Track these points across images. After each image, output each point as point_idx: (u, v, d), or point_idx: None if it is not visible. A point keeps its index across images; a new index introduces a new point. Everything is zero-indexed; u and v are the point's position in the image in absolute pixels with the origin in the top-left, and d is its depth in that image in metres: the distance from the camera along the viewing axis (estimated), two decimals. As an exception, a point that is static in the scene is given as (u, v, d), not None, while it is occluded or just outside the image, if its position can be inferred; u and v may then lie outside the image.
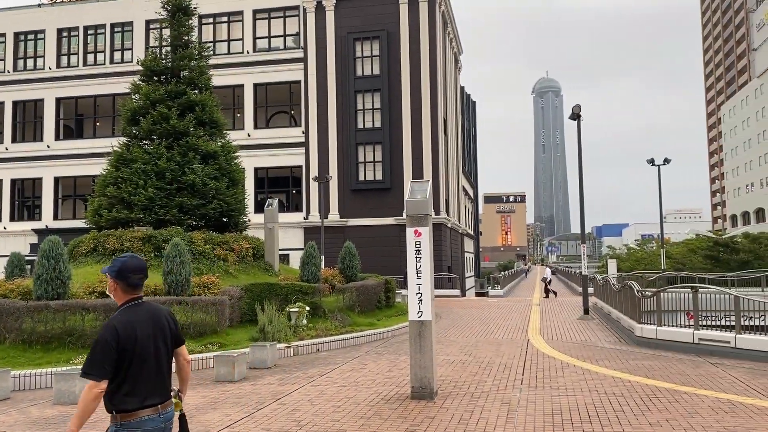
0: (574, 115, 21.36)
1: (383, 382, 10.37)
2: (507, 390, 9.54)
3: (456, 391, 9.48)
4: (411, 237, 9.35)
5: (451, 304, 28.91)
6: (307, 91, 43.26)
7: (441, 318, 21.58)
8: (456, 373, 11.04)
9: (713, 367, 11.22)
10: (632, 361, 12.03)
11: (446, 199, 45.80)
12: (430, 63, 41.57)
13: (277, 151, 43.86)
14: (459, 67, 58.62)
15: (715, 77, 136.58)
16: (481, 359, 12.48)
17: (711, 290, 13.62)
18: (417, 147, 41.37)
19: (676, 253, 42.94)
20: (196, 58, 21.45)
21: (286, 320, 14.88)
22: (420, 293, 9.16)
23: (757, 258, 33.07)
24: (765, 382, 9.85)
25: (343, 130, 42.33)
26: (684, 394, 9.07)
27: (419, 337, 9.11)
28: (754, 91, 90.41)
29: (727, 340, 12.41)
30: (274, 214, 20.11)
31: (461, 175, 58.59)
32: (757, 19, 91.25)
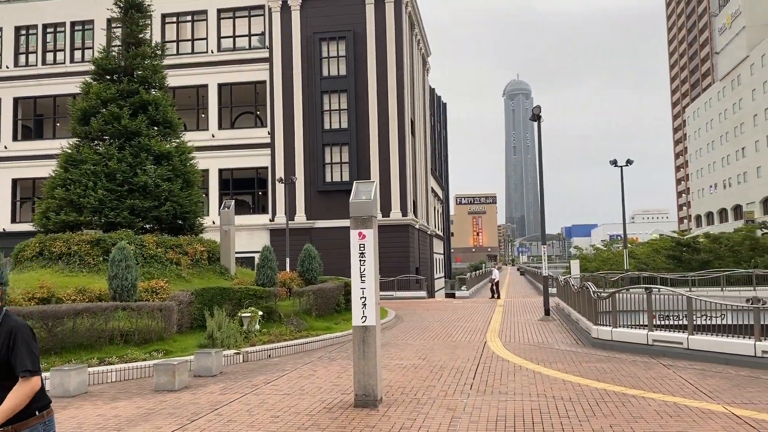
0: (535, 117, 21.32)
1: (330, 389, 10.06)
2: (455, 396, 9.29)
3: (402, 398, 9.20)
4: (355, 239, 9.06)
5: (416, 305, 28.70)
6: (272, 92, 42.75)
7: (403, 320, 21.34)
8: (406, 378, 10.77)
9: (665, 369, 11.14)
10: (585, 364, 11.90)
11: (414, 200, 45.65)
12: (396, 64, 41.38)
13: (242, 152, 43.25)
14: (427, 69, 58.58)
15: (680, 80, 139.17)
16: (434, 363, 12.24)
17: (664, 291, 13.58)
18: (384, 148, 41.15)
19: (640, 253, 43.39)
20: (150, 56, 20.86)
21: (238, 326, 14.47)
22: (364, 298, 8.88)
23: (717, 258, 33.54)
24: (713, 383, 9.77)
25: (309, 131, 41.91)
26: (632, 397, 8.93)
27: (363, 343, 8.81)
28: (717, 94, 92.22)
29: (680, 341, 12.36)
30: (231, 216, 19.65)
31: (430, 176, 58.51)
32: (720, 23, 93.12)
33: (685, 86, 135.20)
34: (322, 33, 42.05)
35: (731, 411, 7.99)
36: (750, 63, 79.26)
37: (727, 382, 9.88)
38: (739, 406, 8.24)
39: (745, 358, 11.18)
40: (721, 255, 33.78)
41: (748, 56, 79.70)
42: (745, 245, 34.26)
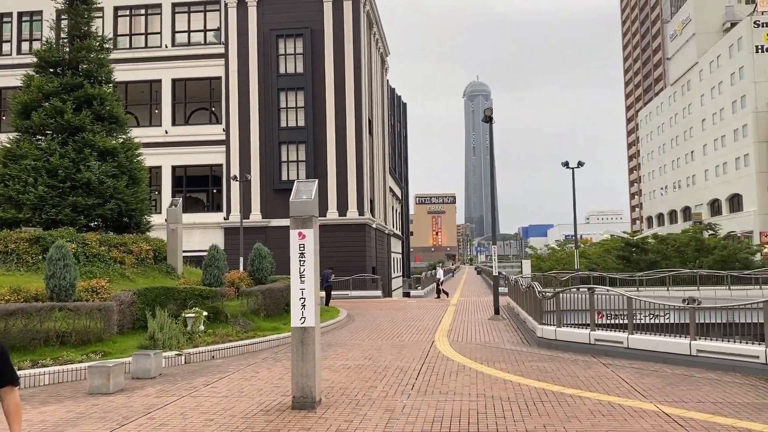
0: (486, 118, 21.51)
1: (270, 391, 9.91)
2: (395, 396, 9.26)
3: (342, 399, 9.12)
4: (294, 240, 8.94)
5: (370, 305, 28.66)
6: (228, 88, 42.14)
7: (354, 320, 21.26)
8: (349, 379, 10.70)
9: (604, 368, 11.34)
10: (528, 363, 12.02)
11: (371, 199, 45.59)
12: (354, 62, 41.25)
13: (196, 149, 42.51)
14: (386, 68, 58.61)
15: (634, 84, 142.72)
16: (379, 364, 12.19)
17: (605, 291, 13.84)
18: (341, 147, 40.97)
19: (592, 253, 44.30)
20: (97, 49, 20.26)
21: (182, 326, 14.16)
22: (303, 298, 8.76)
23: (664, 258, 34.46)
24: (649, 382, 9.97)
25: (265, 129, 41.46)
26: (569, 397, 9.04)
27: (302, 345, 8.70)
28: (668, 98, 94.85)
29: (620, 341, 12.61)
30: (178, 214, 19.23)
31: (388, 175, 58.55)
32: (671, 29, 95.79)
33: (638, 90, 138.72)
34: (279, 30, 41.64)
35: (662, 409, 8.16)
36: (699, 69, 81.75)
37: (662, 380, 10.10)
38: (670, 405, 8.42)
39: (681, 357, 11.46)
40: (668, 255, 34.73)
41: (698, 62, 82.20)
42: (691, 246, 35.32)
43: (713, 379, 10.06)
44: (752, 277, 31.31)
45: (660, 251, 35.09)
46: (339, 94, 41.12)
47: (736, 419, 7.62)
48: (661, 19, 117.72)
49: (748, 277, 31.37)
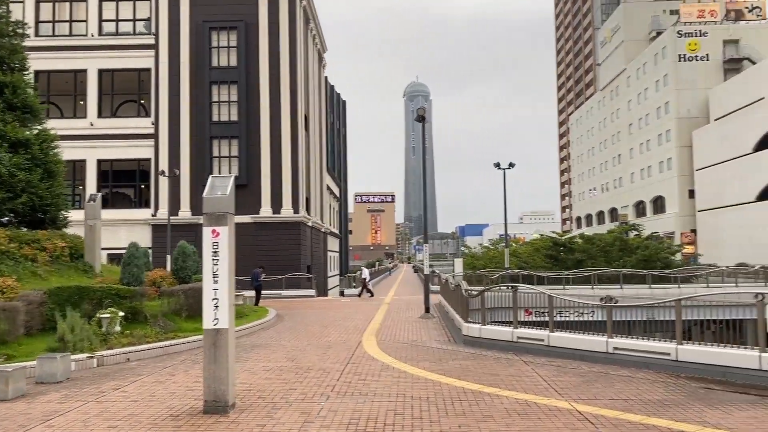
0: (419, 118, 21.53)
1: (183, 394, 9.51)
2: (313, 399, 9.04)
3: (258, 403, 8.84)
4: (208, 237, 8.59)
5: (302, 304, 28.28)
6: (158, 80, 40.80)
7: (283, 320, 20.90)
8: (269, 381, 10.40)
9: (525, 366, 11.46)
10: (452, 362, 12.04)
11: (307, 197, 45.11)
12: (290, 57, 40.66)
13: (123, 143, 41.00)
14: (323, 65, 58.13)
15: (566, 89, 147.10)
16: (302, 365, 11.94)
17: (528, 289, 14.04)
18: (276, 143, 40.32)
19: (522, 252, 45.31)
20: (10, 35, 19.10)
21: (96, 327, 13.49)
22: (216, 299, 8.43)
23: (590, 257, 35.57)
24: (566, 380, 10.13)
25: (196, 123, 40.36)
26: (487, 395, 9.06)
27: (214, 347, 8.36)
28: (597, 103, 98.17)
29: (541, 338, 12.80)
30: (96, 209, 18.36)
31: (325, 173, 58.09)
32: (601, 36, 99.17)
33: (570, 95, 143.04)
34: (212, 22, 40.60)
35: (575, 408, 8.27)
36: (627, 75, 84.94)
37: (579, 378, 10.28)
38: (584, 403, 8.55)
39: (598, 354, 11.72)
40: (594, 255, 35.85)
41: (625, 69, 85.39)
42: (616, 246, 36.59)
43: (627, 377, 10.31)
44: (672, 276, 32.69)
45: (586, 251, 36.19)
46: (274, 89, 40.46)
47: (644, 416, 7.79)
48: (593, 26, 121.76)
49: (668, 276, 32.73)
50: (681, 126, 69.70)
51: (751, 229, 57.15)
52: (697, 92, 69.68)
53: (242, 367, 11.79)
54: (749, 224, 57.50)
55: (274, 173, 40.07)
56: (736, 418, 7.67)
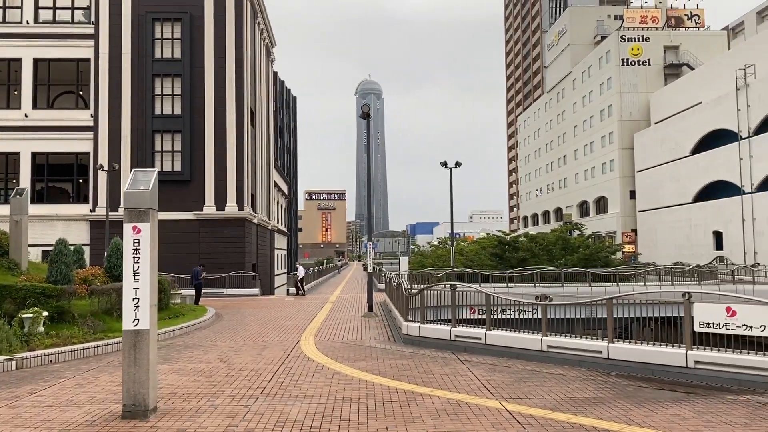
0: (364, 115, 21.36)
1: (104, 398, 9.07)
2: (242, 401, 8.75)
3: (182, 406, 8.49)
4: (128, 234, 8.18)
5: (244, 303, 27.74)
6: (97, 72, 39.35)
7: (222, 319, 20.41)
8: (197, 383, 10.04)
9: (461, 365, 11.43)
10: (388, 361, 11.91)
11: (253, 193, 44.35)
12: (236, 51, 39.86)
13: (60, 135, 39.43)
14: (272, 59, 57.32)
15: (515, 90, 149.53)
16: (234, 366, 11.60)
17: (465, 288, 14.05)
18: (220, 138, 39.46)
19: (469, 251, 45.76)
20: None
21: (18, 328, 12.81)
22: (137, 299, 8.04)
23: (533, 256, 36.15)
24: (499, 379, 10.12)
25: (138, 116, 39.13)
26: (419, 396, 8.95)
27: (134, 349, 7.97)
28: (545, 105, 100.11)
29: (478, 337, 12.81)
30: (23, 204, 17.50)
31: (273, 169, 57.31)
32: (549, 39, 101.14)
33: (519, 96, 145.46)
34: (155, 12, 39.43)
35: (505, 407, 8.24)
36: (573, 78, 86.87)
37: (512, 377, 10.29)
38: (515, 402, 8.53)
39: (533, 353, 11.79)
40: (537, 253, 36.45)
41: (571, 72, 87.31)
42: (558, 245, 37.32)
43: (560, 375, 10.39)
44: (611, 275, 33.50)
45: (530, 249, 36.76)
46: (219, 83, 39.59)
47: (572, 414, 7.81)
48: (541, 29, 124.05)
49: (608, 274, 33.54)
50: (623, 128, 71.71)
51: (688, 229, 59.28)
52: (639, 96, 71.81)
53: (171, 368, 11.38)
54: (686, 225, 59.62)
55: (218, 169, 39.23)
56: (660, 415, 7.77)
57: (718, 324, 9.61)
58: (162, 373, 10.84)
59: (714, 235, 55.72)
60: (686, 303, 9.92)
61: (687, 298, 9.95)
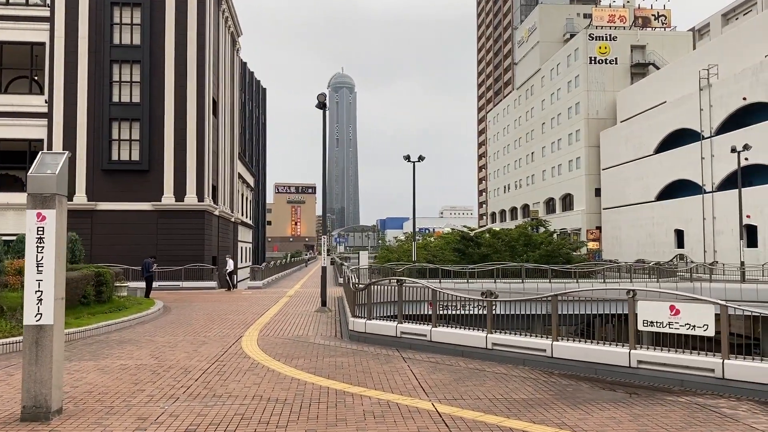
0: (320, 104, 20.81)
1: (11, 398, 8.43)
2: (159, 402, 8.20)
3: (93, 407, 7.91)
4: (32, 221, 7.56)
5: (198, 297, 26.98)
6: (52, 56, 38.03)
7: (170, 312, 19.72)
8: (119, 381, 9.44)
9: (402, 363, 11.02)
10: (328, 359, 11.44)
11: (214, 184, 43.43)
12: (197, 38, 38.87)
13: (13, 121, 38.06)
14: (237, 49, 56.21)
15: (486, 87, 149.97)
16: (165, 363, 11.01)
17: (411, 283, 13.66)
18: (180, 127, 38.48)
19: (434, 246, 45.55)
20: None
21: (-65, 321, 12.02)
22: (40, 292, 7.43)
23: (495, 252, 36.03)
24: (438, 378, 9.73)
25: (95, 103, 37.93)
26: (350, 396, 8.51)
27: (36, 346, 7.37)
28: (514, 102, 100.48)
29: (423, 334, 12.43)
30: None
31: (237, 161, 56.30)
32: (519, 36, 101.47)
33: (490, 93, 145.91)
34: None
35: (437, 408, 7.84)
36: (541, 75, 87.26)
37: (452, 375, 9.91)
38: (448, 403, 8.14)
39: (478, 350, 11.44)
40: (499, 249, 36.34)
41: (540, 69, 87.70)
42: (521, 241, 37.26)
43: (501, 374, 10.04)
44: (572, 271, 33.54)
45: (492, 245, 36.63)
46: (180, 71, 38.57)
47: (504, 417, 7.45)
48: (512, 26, 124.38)
49: (569, 270, 33.57)
50: (590, 126, 72.25)
51: (651, 227, 59.97)
52: (605, 94, 72.39)
53: (96, 365, 10.75)
54: (649, 223, 60.31)
55: (177, 159, 38.27)
56: (595, 419, 7.45)
57: (661, 323, 9.36)
58: (84, 371, 10.23)
59: (675, 233, 56.45)
60: (630, 301, 9.66)
61: (631, 296, 9.68)
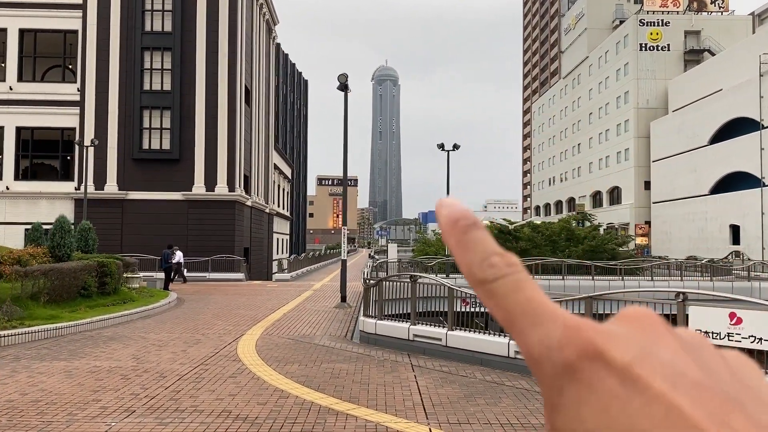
0: (342, 86, 19.46)
1: (-54, 407, 7.34)
2: (110, 416, 6.98)
3: (28, 422, 6.73)
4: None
5: (219, 289, 26.01)
6: (84, 44, 37.72)
7: (183, 305, 18.72)
8: (78, 387, 8.28)
9: (409, 372, 9.57)
10: (326, 364, 10.07)
11: (247, 174, 42.63)
12: (229, 25, 37.98)
13: (46, 110, 37.97)
14: (273, 37, 55.33)
15: (532, 77, 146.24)
16: (143, 365, 9.83)
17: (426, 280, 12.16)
18: (211, 115, 37.71)
19: (471, 239, 43.58)
20: None
21: None
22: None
23: (535, 246, 34.09)
24: (446, 393, 8.25)
25: (126, 91, 37.48)
26: (335, 415, 7.11)
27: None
28: (560, 91, 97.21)
29: (439, 338, 10.93)
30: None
31: (273, 151, 55.58)
32: (566, 23, 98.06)
33: (535, 83, 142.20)
34: (145, -18, 37.65)
35: (433, 436, 6.39)
36: (589, 64, 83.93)
37: (463, 390, 8.41)
38: (450, 429, 6.66)
39: (499, 359, 9.90)
40: (539, 244, 34.40)
41: (588, 57, 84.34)
42: (563, 235, 35.22)
43: (522, 390, 8.49)
44: (617, 268, 31.37)
45: (531, 239, 34.72)
46: (211, 58, 37.77)
47: (515, 452, 5.94)
48: (559, 13, 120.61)
49: (614, 267, 31.40)
50: (639, 116, 68.96)
51: (703, 221, 56.72)
52: (656, 83, 68.91)
53: (66, 366, 9.64)
54: (701, 217, 57.06)
55: (208, 148, 37.53)
56: None
57: (718, 333, 7.65)
58: (49, 373, 9.12)
59: (730, 228, 53.13)
60: (679, 305, 7.97)
61: (681, 300, 7.99)
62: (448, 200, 0.40)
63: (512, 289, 0.34)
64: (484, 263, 0.36)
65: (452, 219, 0.38)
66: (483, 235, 0.38)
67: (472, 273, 0.36)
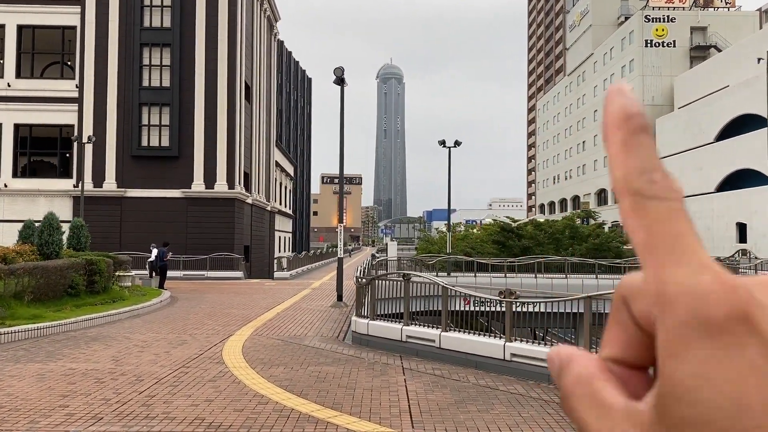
0: (338, 80, 19.00)
1: None
2: (73, 424, 6.54)
3: (-13, 430, 6.30)
4: None
5: (214, 287, 25.59)
6: (83, 40, 37.33)
7: (175, 304, 18.32)
8: (46, 392, 7.84)
9: (399, 375, 9.11)
10: (313, 367, 9.61)
11: (247, 172, 42.22)
12: (229, 21, 37.54)
13: (45, 106, 37.62)
14: (275, 34, 54.88)
15: (537, 75, 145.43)
16: (121, 368, 9.40)
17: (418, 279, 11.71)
18: (211, 112, 37.29)
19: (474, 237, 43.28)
20: None
21: None
22: None
23: (537, 244, 33.54)
24: (437, 398, 7.79)
25: (125, 88, 37.10)
26: (314, 423, 6.66)
27: None
28: (565, 89, 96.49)
29: (432, 339, 10.46)
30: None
31: (275, 149, 55.17)
32: (570, 20, 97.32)
33: (540, 81, 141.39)
34: (143, -23, 37.26)
35: (417, 447, 5.92)
36: (594, 60, 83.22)
37: (454, 396, 7.94)
38: (436, 438, 6.20)
39: (494, 362, 9.42)
40: (542, 242, 33.87)
41: (593, 54, 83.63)
42: (566, 233, 34.67)
43: (516, 395, 8.00)
44: (622, 266, 30.81)
45: (534, 237, 34.19)
46: (210, 55, 37.34)
47: (504, 466, 5.47)
48: (564, 10, 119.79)
49: (618, 266, 30.85)
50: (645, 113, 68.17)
51: (709, 220, 56.02)
52: (662, 79, 68.21)
53: (41, 368, 9.22)
54: (708, 215, 56.35)
55: (208, 145, 37.11)
56: None
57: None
58: (21, 376, 8.70)
59: (737, 226, 52.43)
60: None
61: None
62: (626, 88, 0.34)
63: (665, 216, 0.31)
64: (644, 175, 0.32)
65: (626, 113, 0.33)
66: (652, 144, 0.33)
67: (629, 180, 0.32)
